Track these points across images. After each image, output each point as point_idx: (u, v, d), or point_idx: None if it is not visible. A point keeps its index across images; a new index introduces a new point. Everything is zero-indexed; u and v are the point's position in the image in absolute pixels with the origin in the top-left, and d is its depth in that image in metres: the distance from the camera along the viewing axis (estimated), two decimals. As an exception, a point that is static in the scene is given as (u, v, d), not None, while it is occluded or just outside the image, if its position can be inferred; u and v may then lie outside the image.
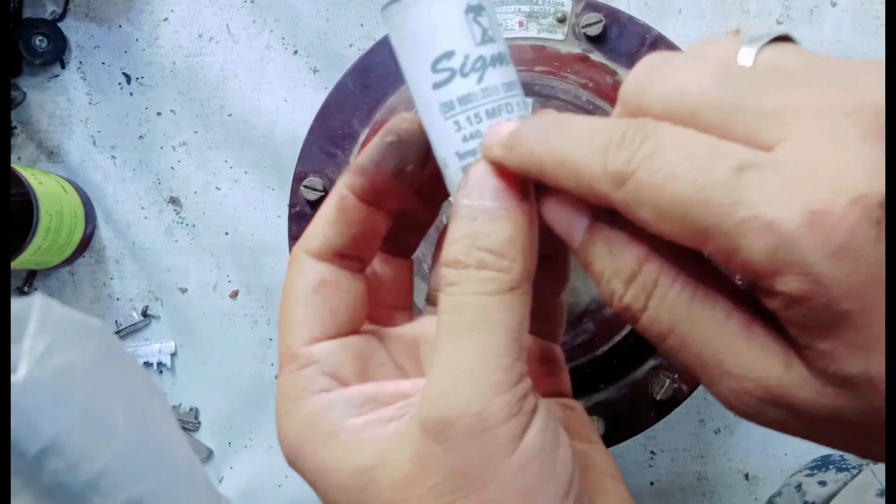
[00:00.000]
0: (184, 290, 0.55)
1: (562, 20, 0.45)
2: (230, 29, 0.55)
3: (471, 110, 0.24)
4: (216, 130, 0.55)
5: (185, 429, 0.55)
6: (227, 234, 0.55)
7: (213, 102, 0.55)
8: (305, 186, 0.45)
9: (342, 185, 0.27)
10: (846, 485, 0.47)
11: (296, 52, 0.55)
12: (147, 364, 0.55)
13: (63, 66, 0.55)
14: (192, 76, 0.55)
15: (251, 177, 0.55)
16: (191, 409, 0.55)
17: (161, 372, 0.56)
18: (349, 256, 0.27)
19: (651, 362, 0.44)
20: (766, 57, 0.22)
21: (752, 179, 0.18)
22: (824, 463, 0.50)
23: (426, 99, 0.25)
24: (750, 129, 0.20)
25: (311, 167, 0.46)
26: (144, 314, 0.55)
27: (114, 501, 0.24)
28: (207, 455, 0.55)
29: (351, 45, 0.54)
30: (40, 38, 0.54)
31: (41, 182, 0.50)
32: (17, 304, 0.22)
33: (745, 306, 0.21)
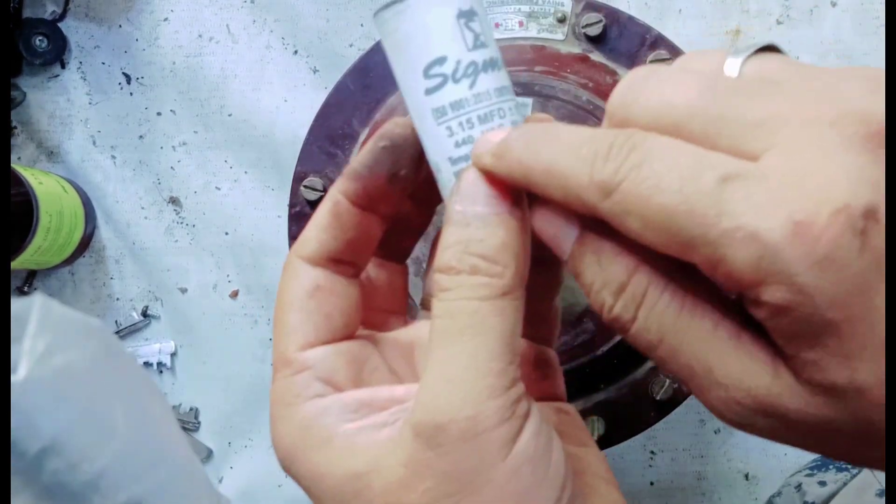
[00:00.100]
0: (184, 290, 0.55)
1: (562, 20, 0.45)
2: (230, 29, 0.55)
3: (463, 116, 0.24)
4: (216, 130, 0.55)
5: (185, 429, 0.55)
6: (227, 234, 0.55)
7: (213, 102, 0.55)
8: (305, 186, 0.45)
9: (336, 190, 0.27)
10: (846, 485, 0.47)
11: (296, 52, 0.55)
12: (147, 364, 0.55)
13: (63, 66, 0.55)
14: (192, 76, 0.55)
15: (251, 177, 0.55)
16: (191, 409, 0.55)
17: (161, 372, 0.56)
18: (343, 261, 0.27)
19: (651, 362, 0.44)
20: (752, 68, 0.22)
21: (737, 190, 0.18)
22: (824, 463, 0.50)
23: (418, 104, 0.24)
24: (735, 139, 0.20)
25: (311, 167, 0.46)
26: (144, 314, 0.55)
27: (114, 501, 0.24)
28: (207, 455, 0.55)
29: (351, 45, 0.54)
30: (40, 38, 0.54)
31: (41, 182, 0.50)
32: (17, 304, 0.22)
33: (733, 316, 0.21)
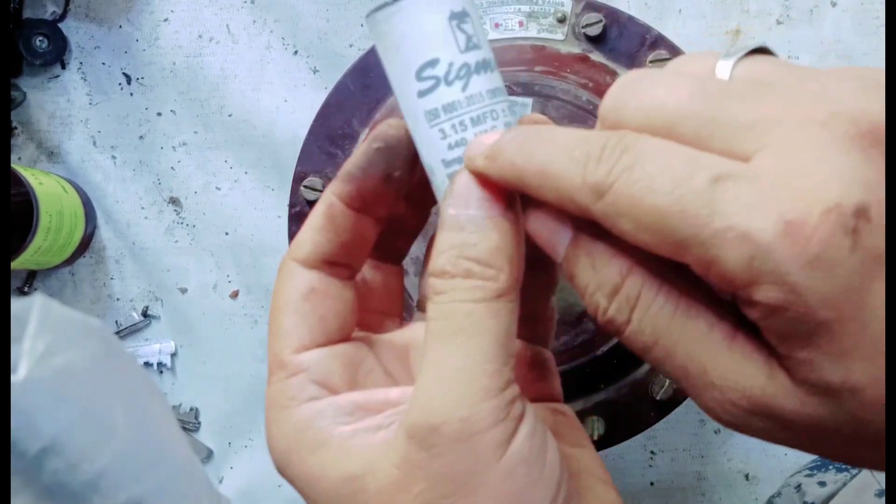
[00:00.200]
0: (184, 290, 0.55)
1: (562, 20, 0.45)
2: (230, 29, 0.55)
3: (456, 118, 0.24)
4: (216, 130, 0.55)
5: (185, 429, 0.55)
6: (227, 234, 0.55)
7: (213, 102, 0.55)
8: (305, 186, 0.45)
9: (330, 192, 0.26)
10: (845, 485, 0.47)
11: (296, 52, 0.55)
12: (147, 364, 0.55)
13: (63, 67, 0.55)
14: (192, 76, 0.55)
15: (251, 177, 0.55)
16: (191, 409, 0.55)
17: (161, 372, 0.56)
18: (338, 264, 0.27)
19: (651, 362, 0.44)
20: (743, 70, 0.22)
21: (728, 190, 0.19)
22: (824, 463, 0.50)
23: (412, 107, 0.24)
24: (726, 140, 0.20)
25: (311, 167, 0.46)
26: (144, 314, 0.55)
27: (114, 501, 0.24)
28: (207, 455, 0.55)
29: (351, 45, 0.54)
30: (40, 38, 0.54)
31: (41, 182, 0.50)
32: (17, 304, 0.22)
33: (728, 317, 0.21)
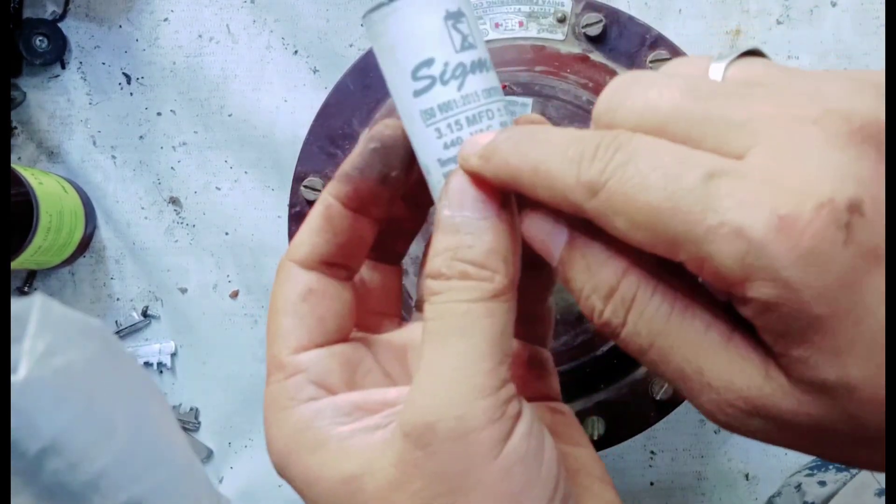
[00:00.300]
0: (184, 290, 0.55)
1: (562, 20, 0.45)
2: (230, 29, 0.55)
3: (451, 117, 0.24)
4: (216, 130, 0.55)
5: (185, 429, 0.55)
6: (227, 234, 0.55)
7: (213, 102, 0.55)
8: (305, 186, 0.45)
9: (327, 193, 0.27)
10: (845, 485, 0.47)
11: (296, 52, 0.55)
12: (147, 364, 0.55)
13: (63, 67, 0.55)
14: (192, 76, 0.55)
15: (251, 177, 0.55)
16: (191, 409, 0.55)
17: (161, 372, 0.56)
18: (336, 264, 0.27)
19: (651, 362, 0.44)
20: (735, 71, 0.22)
21: (721, 186, 0.19)
22: (824, 463, 0.50)
23: (407, 106, 0.24)
24: (719, 139, 0.20)
25: (311, 167, 0.46)
26: (144, 314, 0.55)
27: (114, 501, 0.24)
28: (207, 455, 0.55)
29: (351, 45, 0.54)
30: (40, 38, 0.54)
31: (41, 182, 0.50)
32: (17, 304, 0.22)
33: (724, 318, 0.21)
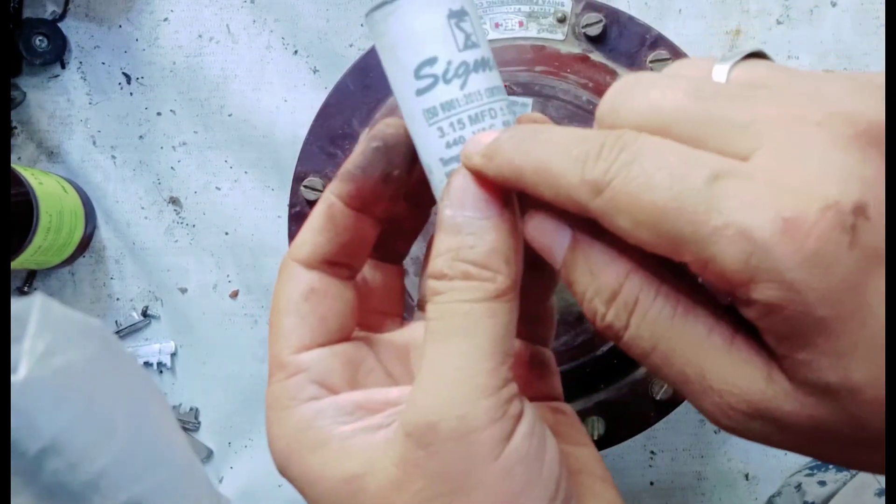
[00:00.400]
0: (184, 290, 0.55)
1: (562, 20, 0.45)
2: (230, 29, 0.55)
3: (454, 116, 0.24)
4: (216, 130, 0.55)
5: (185, 429, 0.55)
6: (227, 234, 0.55)
7: (213, 102, 0.55)
8: (305, 186, 0.45)
9: (329, 192, 0.26)
10: (845, 485, 0.47)
11: (296, 52, 0.55)
12: (147, 364, 0.55)
13: (63, 66, 0.55)
14: (192, 76, 0.55)
15: (251, 177, 0.55)
16: (191, 409, 0.55)
17: (161, 372, 0.56)
18: (338, 264, 0.27)
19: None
20: (739, 73, 0.22)
21: (727, 187, 0.19)
22: (824, 463, 0.50)
23: (410, 105, 0.24)
24: (723, 140, 0.20)
25: (311, 167, 0.46)
26: (144, 314, 0.55)
27: (114, 501, 0.24)
28: (207, 455, 0.55)
29: (351, 45, 0.54)
30: (40, 38, 0.54)
31: (41, 182, 0.50)
32: (17, 304, 0.22)
33: (726, 320, 0.21)
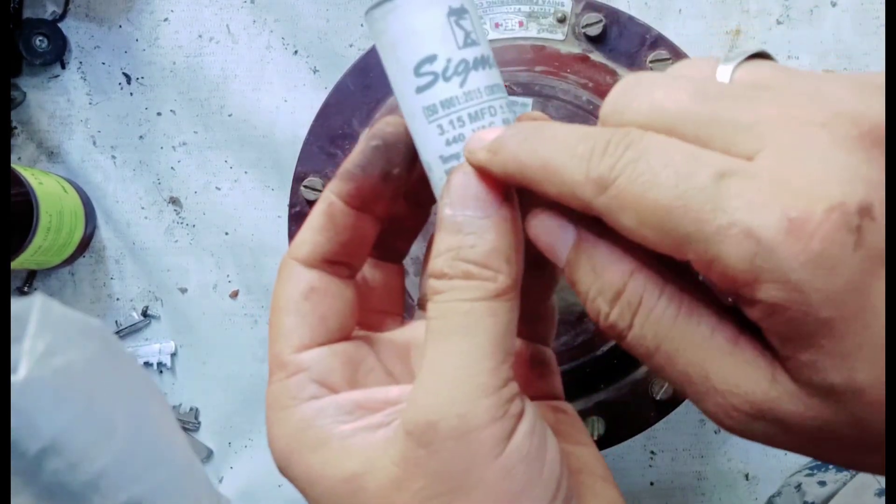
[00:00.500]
0: (184, 290, 0.55)
1: (562, 20, 0.45)
2: (230, 29, 0.55)
3: (454, 114, 0.24)
4: (216, 130, 0.55)
5: (185, 429, 0.55)
6: (227, 234, 0.55)
7: (213, 102, 0.55)
8: (305, 186, 0.45)
9: (329, 191, 0.26)
10: (845, 485, 0.47)
11: (296, 52, 0.55)
12: (147, 364, 0.55)
13: (63, 67, 0.55)
14: (192, 76, 0.55)
15: (251, 177, 0.55)
16: (191, 409, 0.55)
17: (161, 372, 0.56)
18: (338, 263, 0.27)
19: (651, 362, 0.44)
20: (743, 74, 0.22)
21: (732, 187, 0.19)
22: (824, 463, 0.50)
23: (410, 103, 0.24)
24: (727, 141, 0.20)
25: (311, 167, 0.46)
26: (144, 314, 0.55)
27: (114, 501, 0.24)
28: (207, 455, 0.55)
29: (351, 45, 0.54)
30: (40, 38, 0.54)
31: (41, 182, 0.50)
32: (17, 304, 0.22)
33: (729, 320, 0.21)
